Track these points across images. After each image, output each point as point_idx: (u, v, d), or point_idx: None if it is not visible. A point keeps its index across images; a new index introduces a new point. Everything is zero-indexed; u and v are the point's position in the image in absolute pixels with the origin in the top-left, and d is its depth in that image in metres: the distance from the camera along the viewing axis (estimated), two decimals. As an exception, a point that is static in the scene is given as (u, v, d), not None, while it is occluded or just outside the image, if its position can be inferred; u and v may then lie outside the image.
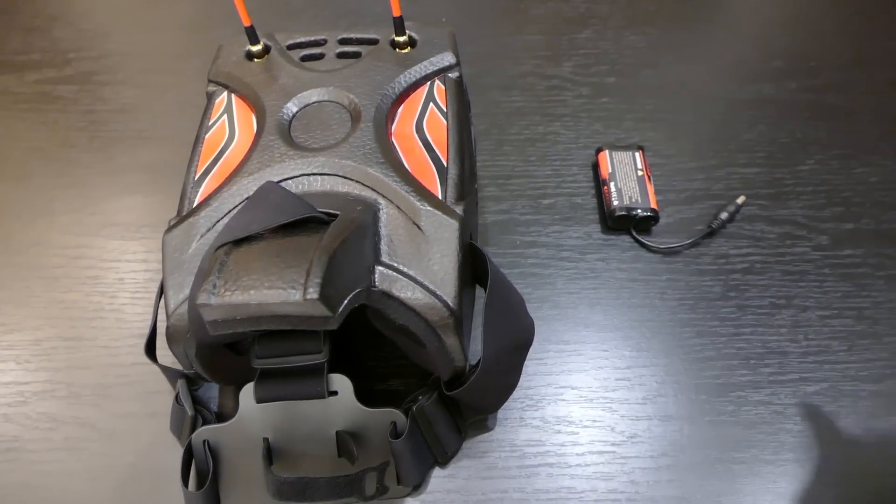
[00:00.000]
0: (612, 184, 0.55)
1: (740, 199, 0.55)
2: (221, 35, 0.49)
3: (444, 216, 0.38)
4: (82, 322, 0.53)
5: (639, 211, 0.53)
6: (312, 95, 0.43)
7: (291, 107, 0.43)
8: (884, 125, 0.62)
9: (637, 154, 0.57)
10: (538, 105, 0.64)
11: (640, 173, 0.55)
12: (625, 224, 0.55)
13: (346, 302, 0.33)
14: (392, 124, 0.43)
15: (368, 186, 0.39)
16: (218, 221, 0.39)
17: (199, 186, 0.41)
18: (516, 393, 0.45)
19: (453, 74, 0.46)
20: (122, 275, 0.55)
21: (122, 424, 0.48)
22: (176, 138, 0.63)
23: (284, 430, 0.42)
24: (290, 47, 0.47)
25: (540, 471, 0.45)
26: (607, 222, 0.55)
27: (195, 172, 0.42)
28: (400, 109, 0.44)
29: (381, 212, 0.38)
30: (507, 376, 0.43)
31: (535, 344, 0.45)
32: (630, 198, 0.54)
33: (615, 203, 0.54)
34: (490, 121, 0.63)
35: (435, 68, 0.45)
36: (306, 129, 0.42)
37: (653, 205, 0.54)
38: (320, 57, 0.46)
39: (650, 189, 0.55)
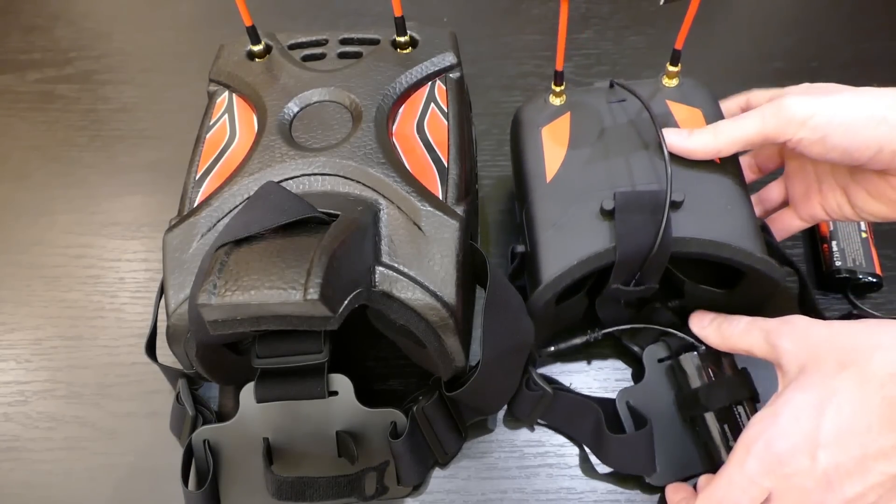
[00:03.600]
0: (833, 242, 0.51)
1: None
2: (222, 35, 0.49)
3: (445, 216, 0.38)
4: (83, 321, 0.53)
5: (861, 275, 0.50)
6: (313, 95, 0.43)
7: (292, 107, 0.43)
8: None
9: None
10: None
11: (864, 235, 0.52)
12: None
13: (346, 302, 0.33)
14: (393, 124, 0.43)
15: (369, 187, 0.39)
16: (219, 221, 0.39)
17: (200, 186, 0.41)
18: (516, 393, 0.45)
19: (454, 75, 0.46)
20: (122, 274, 0.56)
21: (123, 424, 0.48)
22: (177, 138, 0.63)
23: (284, 430, 0.42)
24: (292, 47, 0.47)
25: (540, 471, 0.45)
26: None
27: (196, 172, 0.42)
28: (401, 110, 0.44)
29: (381, 212, 0.38)
30: (506, 378, 0.43)
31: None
32: (854, 260, 0.51)
33: (838, 264, 0.51)
34: (490, 121, 0.63)
35: (436, 68, 0.45)
36: (307, 129, 0.42)
37: (877, 270, 0.50)
38: (321, 57, 0.46)
39: (874, 253, 0.51)
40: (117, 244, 0.57)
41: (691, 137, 0.41)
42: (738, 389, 0.42)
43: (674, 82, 0.45)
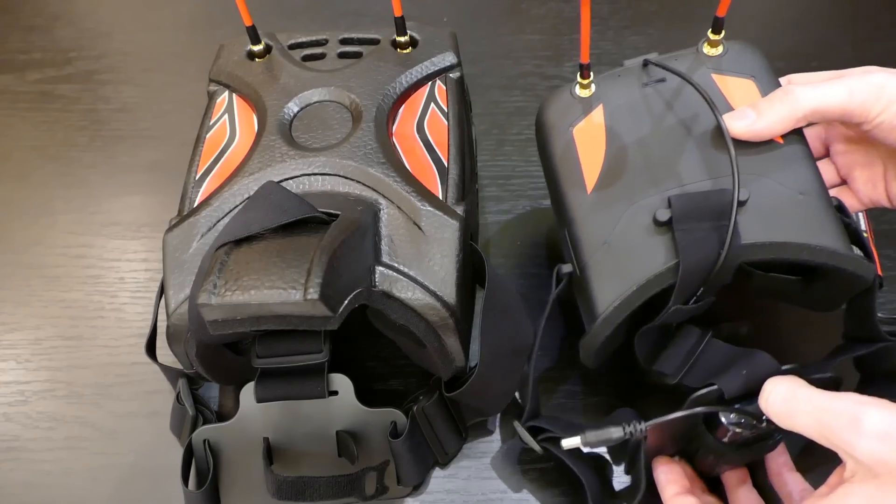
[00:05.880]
0: None
1: None
2: (222, 35, 0.49)
3: (445, 216, 0.38)
4: (83, 321, 0.53)
5: None
6: (313, 95, 0.43)
7: (292, 106, 0.43)
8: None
9: (860, 214, 0.48)
10: (539, 105, 0.64)
11: (864, 235, 0.50)
12: None
13: (346, 302, 0.33)
14: (393, 124, 0.43)
15: (369, 187, 0.39)
16: (219, 221, 0.39)
17: (200, 186, 0.41)
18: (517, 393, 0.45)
19: (454, 75, 0.46)
20: (122, 274, 0.56)
21: (123, 424, 0.48)
22: (177, 138, 0.63)
23: (284, 430, 0.42)
24: (292, 47, 0.47)
25: (540, 471, 0.45)
26: None
27: (196, 172, 0.42)
28: (401, 109, 0.44)
29: (381, 212, 0.38)
30: (505, 380, 0.42)
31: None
32: None
33: None
34: (491, 121, 0.63)
35: (436, 68, 0.45)
36: (307, 128, 0.42)
37: (877, 270, 0.46)
38: (321, 57, 0.46)
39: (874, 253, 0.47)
40: (117, 244, 0.57)
41: (761, 118, 0.35)
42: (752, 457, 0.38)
43: (717, 50, 0.40)
